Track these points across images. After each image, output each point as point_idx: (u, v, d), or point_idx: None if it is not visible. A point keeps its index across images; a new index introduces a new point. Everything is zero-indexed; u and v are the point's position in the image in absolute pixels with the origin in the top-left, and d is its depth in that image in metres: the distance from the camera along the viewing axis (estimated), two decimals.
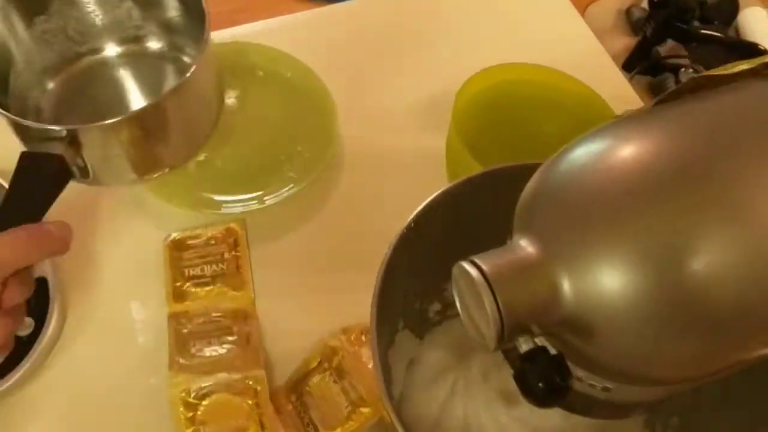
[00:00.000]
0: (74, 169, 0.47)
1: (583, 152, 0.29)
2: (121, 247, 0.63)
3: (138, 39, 0.59)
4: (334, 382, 0.54)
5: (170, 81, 0.58)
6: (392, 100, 0.72)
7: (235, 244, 0.61)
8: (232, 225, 0.62)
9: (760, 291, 0.26)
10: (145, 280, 0.60)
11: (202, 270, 0.60)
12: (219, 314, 0.58)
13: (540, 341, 0.28)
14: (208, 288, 0.59)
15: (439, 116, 0.62)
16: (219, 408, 0.53)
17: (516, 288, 0.27)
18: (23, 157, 0.45)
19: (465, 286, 0.29)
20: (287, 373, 0.56)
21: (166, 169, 0.53)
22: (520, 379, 0.27)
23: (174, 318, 0.58)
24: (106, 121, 0.46)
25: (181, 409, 0.52)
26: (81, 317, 0.58)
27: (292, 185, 0.63)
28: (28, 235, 0.41)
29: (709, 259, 0.26)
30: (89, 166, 0.48)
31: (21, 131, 0.48)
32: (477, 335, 0.29)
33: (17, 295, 0.41)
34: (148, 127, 0.49)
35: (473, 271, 0.28)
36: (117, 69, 0.59)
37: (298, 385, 0.55)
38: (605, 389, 0.30)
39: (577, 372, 0.30)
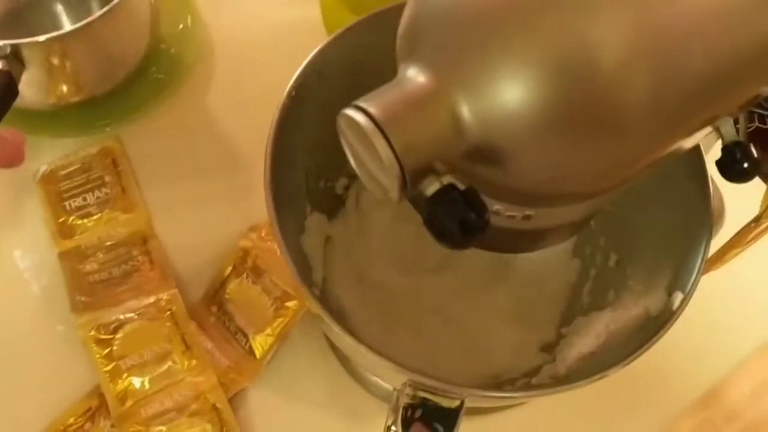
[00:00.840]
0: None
1: None
2: None
3: None
4: (253, 283, 0.51)
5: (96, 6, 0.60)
6: None
7: (115, 165, 0.55)
8: (107, 144, 0.56)
9: (667, 81, 0.24)
10: (24, 223, 0.54)
11: (85, 199, 0.54)
12: (114, 242, 0.53)
13: (447, 180, 0.25)
14: (95, 217, 0.54)
15: None
16: (135, 338, 0.49)
17: (411, 126, 0.24)
18: None
19: (354, 137, 0.25)
20: (204, 287, 0.53)
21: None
22: (432, 222, 0.24)
23: (66, 256, 0.52)
24: (51, 34, 0.48)
25: (95, 347, 0.49)
26: None
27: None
28: None
29: (610, 55, 0.23)
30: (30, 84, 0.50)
31: None
32: (378, 190, 0.26)
33: None
34: (90, 43, 0.51)
35: (359, 117, 0.24)
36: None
37: (216, 295, 0.52)
38: (526, 217, 0.28)
39: (494, 206, 0.28)
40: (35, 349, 0.50)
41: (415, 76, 0.25)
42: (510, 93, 0.23)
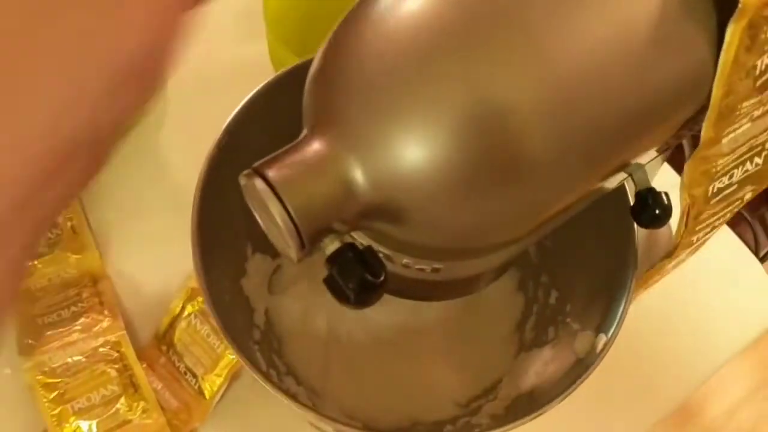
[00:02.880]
0: None
1: (362, 15, 0.26)
2: None
3: None
4: (201, 323, 0.51)
5: None
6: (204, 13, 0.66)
7: None
8: None
9: (571, 130, 0.25)
10: None
11: None
12: (64, 283, 0.53)
13: (348, 239, 0.26)
14: (46, 258, 0.54)
15: (254, 20, 0.57)
16: (83, 381, 0.49)
17: (306, 189, 0.24)
18: None
19: (255, 198, 0.25)
20: (154, 327, 0.53)
21: None
22: (329, 283, 0.25)
23: None
24: None
25: (42, 392, 0.48)
26: None
27: None
28: None
29: (510, 109, 0.23)
30: None
31: None
32: (283, 247, 0.26)
33: None
34: None
35: (257, 182, 0.24)
36: None
37: (166, 335, 0.52)
38: (435, 270, 0.29)
39: (402, 259, 0.28)
40: None
41: (311, 140, 0.25)
42: (403, 154, 0.24)
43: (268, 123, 0.41)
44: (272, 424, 0.50)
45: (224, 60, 0.63)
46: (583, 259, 0.43)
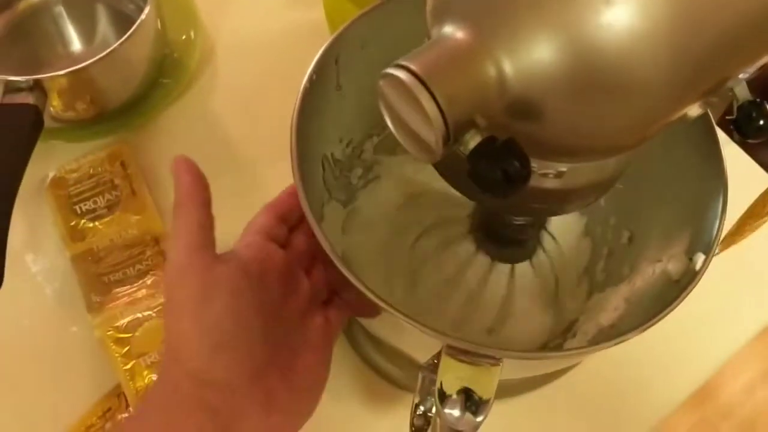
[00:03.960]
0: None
1: None
2: None
3: None
4: None
5: (104, 21, 0.62)
6: None
7: (124, 167, 0.56)
8: (115, 147, 0.56)
9: (683, 43, 0.25)
10: (35, 228, 0.54)
11: (95, 202, 0.54)
12: (126, 242, 0.53)
13: (487, 135, 0.26)
14: (106, 219, 0.54)
15: None
16: (153, 335, 0.49)
17: (453, 79, 0.25)
18: None
19: (396, 95, 0.26)
20: None
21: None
22: (476, 174, 0.25)
23: (79, 259, 0.52)
24: (73, 68, 0.49)
25: (113, 347, 0.48)
26: None
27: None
28: None
29: (629, 11, 0.24)
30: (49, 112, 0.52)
31: None
32: (419, 149, 0.27)
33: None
34: (108, 68, 0.52)
35: (402, 74, 0.25)
36: (53, 11, 0.61)
37: None
38: (558, 174, 0.29)
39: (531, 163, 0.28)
40: (51, 351, 0.50)
41: (453, 33, 0.26)
42: (545, 49, 0.24)
43: (348, 71, 0.42)
44: (340, 378, 0.50)
45: (274, 25, 0.64)
46: (658, 194, 0.43)
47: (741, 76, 0.31)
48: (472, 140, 0.26)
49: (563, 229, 0.50)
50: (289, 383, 0.36)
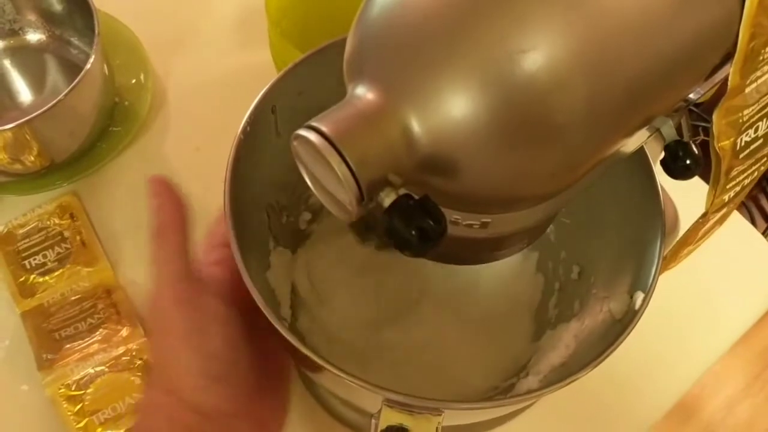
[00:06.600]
0: None
1: None
2: None
3: (15, 33, 0.62)
4: None
5: (53, 71, 0.62)
6: (201, 21, 0.67)
7: (73, 219, 0.55)
8: (64, 198, 0.56)
9: (601, 84, 0.25)
10: None
11: (45, 256, 0.54)
12: (78, 296, 0.52)
13: (402, 192, 0.26)
14: (57, 273, 0.53)
15: (256, 26, 0.58)
16: (107, 391, 0.48)
17: (365, 141, 0.24)
18: None
19: (309, 156, 0.26)
20: None
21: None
22: (391, 232, 0.25)
23: (29, 315, 0.52)
24: (19, 121, 0.49)
25: (65, 405, 0.47)
26: None
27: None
28: None
29: (545, 63, 0.24)
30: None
31: None
32: (336, 208, 0.27)
33: None
34: (56, 119, 0.52)
35: (312, 136, 0.24)
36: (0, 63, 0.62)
37: None
38: (483, 225, 0.29)
39: (452, 216, 0.28)
40: (0, 411, 0.49)
41: (363, 93, 0.25)
42: (455, 104, 0.24)
43: (285, 110, 0.41)
44: (300, 425, 0.49)
45: (224, 67, 0.63)
46: (603, 230, 0.43)
47: (688, 98, 0.31)
48: (387, 198, 0.26)
49: (515, 267, 0.50)
50: (271, 404, 0.38)
